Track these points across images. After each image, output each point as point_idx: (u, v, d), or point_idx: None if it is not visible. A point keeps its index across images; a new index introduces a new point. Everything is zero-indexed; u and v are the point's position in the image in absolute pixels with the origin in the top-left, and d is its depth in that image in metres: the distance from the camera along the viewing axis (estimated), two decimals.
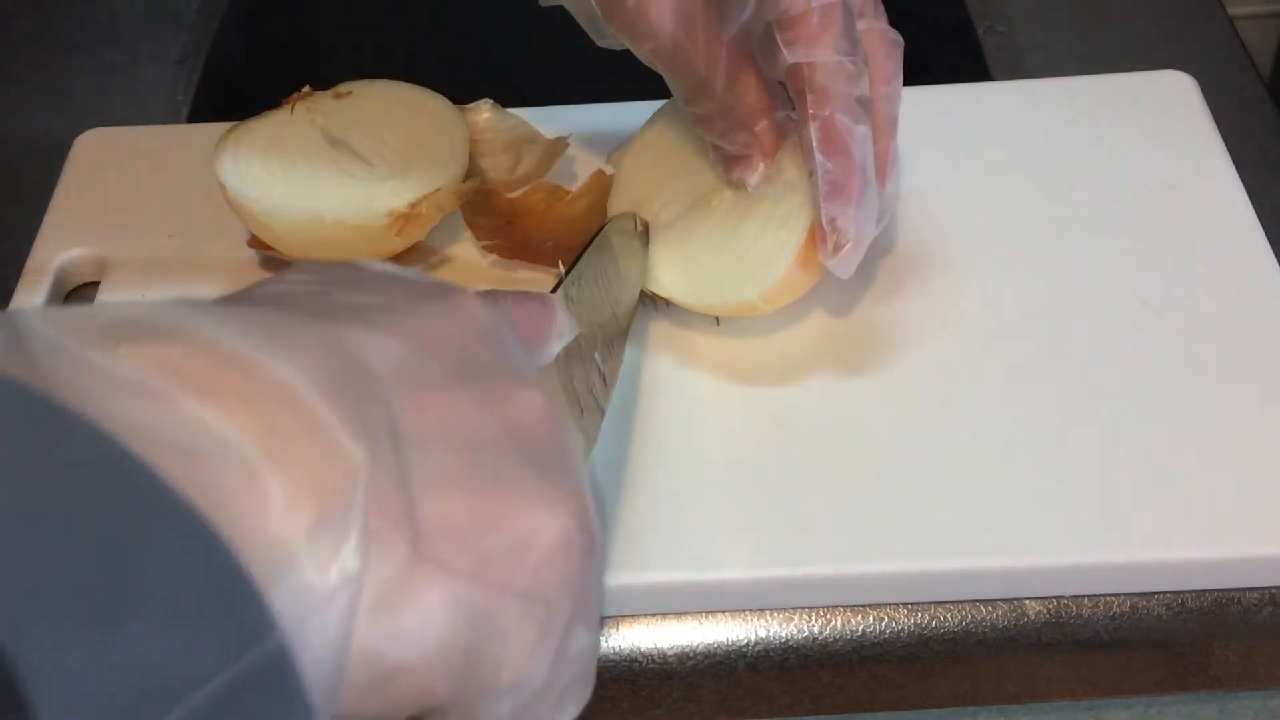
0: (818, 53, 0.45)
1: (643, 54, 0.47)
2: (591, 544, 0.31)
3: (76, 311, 0.27)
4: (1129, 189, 0.56)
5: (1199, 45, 0.67)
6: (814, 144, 0.45)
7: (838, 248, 0.46)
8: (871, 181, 0.46)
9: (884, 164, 0.47)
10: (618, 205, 0.52)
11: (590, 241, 0.47)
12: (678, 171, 0.52)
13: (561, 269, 0.46)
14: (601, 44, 0.49)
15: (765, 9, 0.45)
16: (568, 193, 0.55)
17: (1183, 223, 0.54)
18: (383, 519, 0.27)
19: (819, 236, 0.46)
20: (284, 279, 0.32)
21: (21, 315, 0.26)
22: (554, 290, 0.43)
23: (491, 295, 0.36)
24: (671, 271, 0.50)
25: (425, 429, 0.29)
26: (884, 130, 0.47)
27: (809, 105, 0.45)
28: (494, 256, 0.54)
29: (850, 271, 0.47)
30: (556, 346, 0.38)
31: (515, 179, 0.56)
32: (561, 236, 0.54)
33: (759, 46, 0.46)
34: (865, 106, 0.46)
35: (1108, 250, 0.53)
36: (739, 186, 0.49)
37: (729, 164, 0.49)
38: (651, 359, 0.51)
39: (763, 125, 0.48)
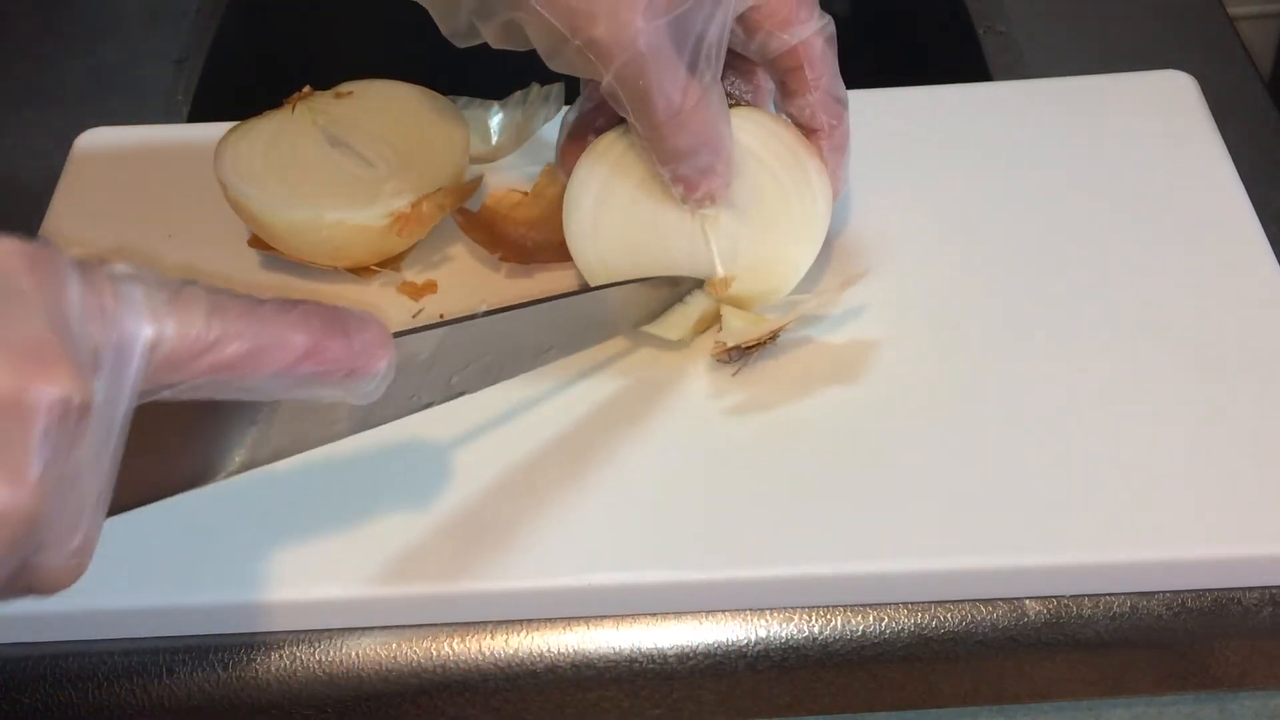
0: (804, 29, 0.48)
1: (606, 82, 0.45)
2: None
3: None
4: (1129, 189, 0.56)
5: (1199, 45, 0.67)
6: (817, 110, 0.49)
7: (836, 194, 0.51)
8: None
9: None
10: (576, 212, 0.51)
11: None
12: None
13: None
14: (460, 44, 0.49)
15: (732, 5, 0.46)
16: (524, 195, 0.56)
17: (1183, 223, 0.54)
18: None
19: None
20: None
21: None
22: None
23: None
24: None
25: None
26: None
27: (809, 77, 0.49)
28: (506, 266, 0.54)
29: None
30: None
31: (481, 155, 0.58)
32: (536, 234, 0.55)
33: (714, 52, 0.46)
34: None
35: (1108, 250, 0.53)
36: (701, 204, 0.49)
37: (691, 186, 0.48)
38: (653, 363, 0.51)
39: (728, 148, 0.48)
